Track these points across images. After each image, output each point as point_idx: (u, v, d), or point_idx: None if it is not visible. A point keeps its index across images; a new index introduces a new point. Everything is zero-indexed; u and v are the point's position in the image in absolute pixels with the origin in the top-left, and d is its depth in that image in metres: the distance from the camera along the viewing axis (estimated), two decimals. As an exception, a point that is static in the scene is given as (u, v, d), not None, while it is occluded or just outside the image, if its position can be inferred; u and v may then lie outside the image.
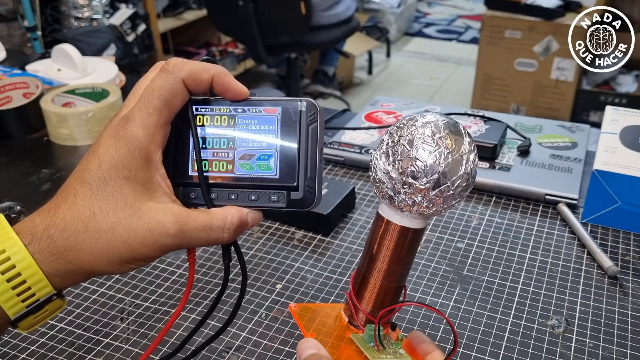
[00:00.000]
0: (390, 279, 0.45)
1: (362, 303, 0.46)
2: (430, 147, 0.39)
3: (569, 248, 0.65)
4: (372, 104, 0.98)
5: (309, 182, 0.38)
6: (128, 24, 2.43)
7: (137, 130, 0.36)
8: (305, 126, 0.38)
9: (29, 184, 0.80)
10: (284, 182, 0.38)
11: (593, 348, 0.52)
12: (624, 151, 0.69)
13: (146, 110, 0.36)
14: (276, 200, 0.38)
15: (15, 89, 0.96)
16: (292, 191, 0.38)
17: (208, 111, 0.40)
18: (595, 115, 2.70)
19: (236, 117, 0.39)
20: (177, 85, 0.37)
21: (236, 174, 0.39)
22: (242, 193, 0.39)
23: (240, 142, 0.39)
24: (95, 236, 0.35)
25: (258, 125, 0.39)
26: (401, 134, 0.41)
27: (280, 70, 3.27)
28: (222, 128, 0.39)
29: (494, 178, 0.75)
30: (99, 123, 0.90)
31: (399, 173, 0.40)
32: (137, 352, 0.51)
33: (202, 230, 0.37)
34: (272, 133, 0.39)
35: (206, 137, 0.39)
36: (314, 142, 0.38)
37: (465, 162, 0.40)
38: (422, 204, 0.40)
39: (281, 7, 2.36)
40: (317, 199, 0.38)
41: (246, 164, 0.39)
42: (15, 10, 2.15)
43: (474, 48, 3.62)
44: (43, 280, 0.35)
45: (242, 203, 0.39)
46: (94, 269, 0.36)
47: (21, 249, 0.34)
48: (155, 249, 0.36)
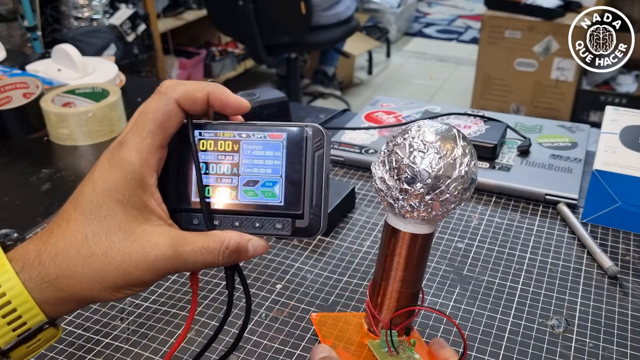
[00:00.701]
0: (405, 285, 0.46)
1: (381, 311, 0.47)
2: (422, 153, 0.40)
3: (569, 248, 0.65)
4: (372, 104, 0.98)
5: (314, 209, 0.38)
6: (128, 24, 2.43)
7: (130, 154, 0.36)
8: (311, 153, 0.38)
9: (29, 184, 0.80)
10: (289, 210, 0.38)
11: (593, 348, 0.52)
12: (624, 151, 0.69)
13: (139, 134, 0.36)
14: (281, 228, 0.38)
15: (15, 89, 0.96)
16: (297, 219, 0.38)
17: (212, 136, 0.39)
18: (595, 115, 2.70)
19: (240, 142, 0.38)
20: (170, 106, 0.36)
21: (240, 201, 0.38)
22: (246, 220, 0.38)
23: (244, 168, 0.38)
24: (88, 261, 0.35)
25: (263, 151, 0.38)
26: (396, 142, 0.42)
27: (280, 70, 3.27)
28: (226, 153, 0.39)
29: (494, 178, 0.75)
30: (99, 123, 0.90)
31: (395, 180, 0.41)
32: (137, 352, 0.51)
33: (198, 252, 0.36)
34: (277, 159, 0.38)
35: (209, 162, 0.39)
36: (319, 169, 0.38)
37: (459, 165, 0.40)
38: (420, 209, 0.41)
39: (281, 7, 2.36)
40: (322, 227, 0.38)
41: (250, 190, 0.38)
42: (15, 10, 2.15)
43: (474, 48, 3.62)
44: (34, 308, 0.34)
45: (246, 230, 0.38)
46: (87, 296, 0.35)
47: (12, 277, 0.34)
48: (150, 272, 0.35)
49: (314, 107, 1.06)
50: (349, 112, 1.00)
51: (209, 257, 0.36)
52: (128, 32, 2.43)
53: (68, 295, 0.35)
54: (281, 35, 2.42)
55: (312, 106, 1.14)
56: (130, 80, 1.14)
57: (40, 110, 0.91)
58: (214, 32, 3.28)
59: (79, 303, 0.36)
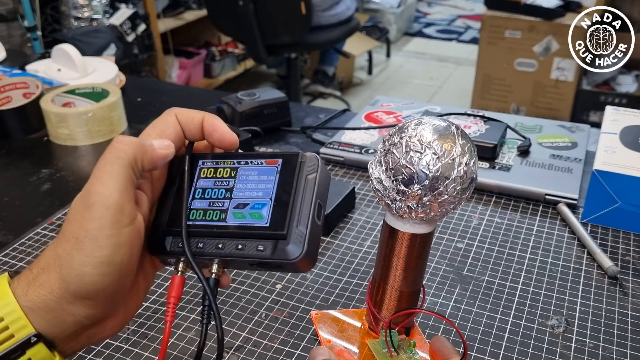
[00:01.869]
0: (405, 284, 0.45)
1: (381, 310, 0.46)
2: (419, 154, 0.39)
3: (569, 248, 0.65)
4: (372, 104, 0.98)
5: (298, 230, 0.36)
6: (128, 24, 2.43)
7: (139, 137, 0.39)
8: (303, 176, 0.37)
9: (29, 184, 0.80)
10: (273, 230, 0.36)
11: (593, 348, 0.52)
12: (624, 151, 0.69)
13: (140, 137, 0.39)
14: (263, 250, 0.36)
15: (15, 89, 0.96)
16: (280, 239, 0.36)
17: (213, 164, 0.40)
18: (595, 115, 2.70)
19: (238, 169, 0.39)
20: (169, 118, 0.40)
21: (227, 222, 0.38)
22: (229, 242, 0.37)
23: (237, 192, 0.38)
24: (55, 247, 0.35)
25: (257, 175, 0.38)
26: (392, 141, 0.40)
27: (280, 70, 3.27)
28: (223, 179, 0.39)
29: (494, 178, 0.75)
30: (99, 123, 0.90)
31: (392, 181, 0.40)
32: (137, 352, 0.51)
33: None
34: (270, 183, 0.38)
35: (206, 187, 0.39)
36: (310, 191, 0.37)
37: (457, 165, 0.39)
38: (419, 210, 0.40)
39: (281, 7, 2.36)
40: (305, 250, 0.35)
41: (239, 212, 0.38)
42: (15, 10, 2.15)
43: (474, 48, 3.62)
44: (22, 319, 0.33)
45: (227, 251, 0.37)
46: (62, 287, 0.34)
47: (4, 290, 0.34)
48: (90, 222, 0.34)
49: (314, 107, 1.07)
50: (349, 112, 1.00)
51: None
52: (128, 32, 2.43)
53: (48, 292, 0.34)
54: (281, 35, 2.42)
55: (312, 106, 1.14)
56: (130, 80, 1.14)
57: (40, 110, 0.91)
58: (214, 32, 3.28)
59: (61, 306, 0.34)
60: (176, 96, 1.13)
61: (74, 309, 0.34)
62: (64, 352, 0.36)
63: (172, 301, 0.38)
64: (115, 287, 0.35)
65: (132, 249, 0.35)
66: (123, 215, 0.34)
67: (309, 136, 0.89)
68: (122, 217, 0.34)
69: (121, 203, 0.34)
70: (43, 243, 0.66)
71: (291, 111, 0.95)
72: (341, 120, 0.97)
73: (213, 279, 0.38)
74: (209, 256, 0.38)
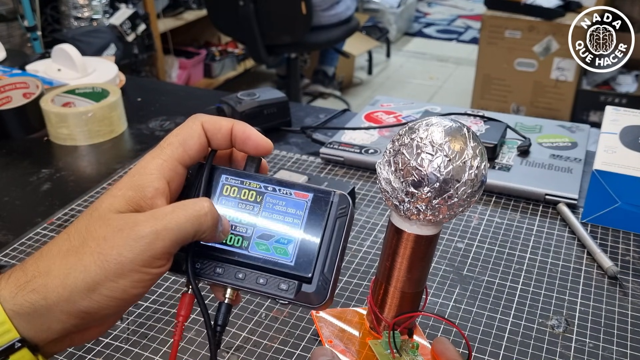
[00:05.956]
0: (408, 286, 0.44)
1: (383, 310, 0.46)
2: (430, 155, 0.38)
3: (569, 248, 0.65)
4: (372, 104, 0.98)
5: (324, 277, 0.35)
6: (128, 24, 2.43)
7: (146, 160, 0.37)
8: (333, 218, 0.36)
9: (29, 184, 0.80)
10: (297, 272, 0.36)
11: (593, 348, 0.52)
12: (624, 151, 0.69)
13: (162, 144, 0.37)
14: (285, 290, 0.36)
15: (15, 89, 0.96)
16: (305, 283, 0.36)
17: (237, 183, 0.38)
18: (595, 115, 2.70)
19: (265, 194, 0.38)
20: (194, 127, 0.38)
21: (250, 252, 0.37)
22: (250, 274, 0.36)
23: (262, 221, 0.37)
24: (66, 255, 0.33)
25: (285, 207, 0.37)
26: (402, 142, 0.39)
27: (280, 70, 3.27)
28: (247, 202, 0.38)
29: (494, 178, 0.75)
30: (99, 123, 0.90)
31: (401, 182, 0.39)
32: (137, 352, 0.51)
33: (175, 209, 0.34)
34: (298, 218, 0.37)
35: (229, 208, 0.38)
36: (339, 236, 0.36)
37: (468, 168, 0.38)
38: (427, 213, 0.39)
39: (282, 7, 2.36)
40: (329, 297, 0.35)
41: (263, 244, 0.37)
42: (15, 10, 2.15)
43: (474, 48, 3.62)
44: (6, 322, 0.32)
45: (248, 285, 0.36)
46: (61, 296, 0.32)
47: None
48: (127, 249, 0.32)
49: (314, 107, 1.07)
50: (349, 112, 1.00)
51: (191, 214, 0.34)
52: (128, 32, 2.43)
53: (41, 298, 0.32)
54: (281, 35, 2.42)
55: (312, 106, 1.14)
56: (130, 80, 1.14)
57: (40, 110, 0.91)
58: (214, 32, 3.28)
59: (52, 313, 0.32)
60: (176, 96, 1.13)
61: (65, 319, 0.33)
62: (46, 354, 0.35)
63: (181, 320, 0.37)
64: (120, 309, 0.34)
65: (151, 284, 0.34)
66: (159, 261, 0.34)
67: (309, 136, 0.89)
68: (158, 262, 0.34)
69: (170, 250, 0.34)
70: (43, 243, 0.66)
71: (291, 111, 0.95)
72: (341, 120, 0.97)
73: (225, 304, 0.37)
74: (228, 285, 0.37)
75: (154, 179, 0.36)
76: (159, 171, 0.36)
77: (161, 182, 0.36)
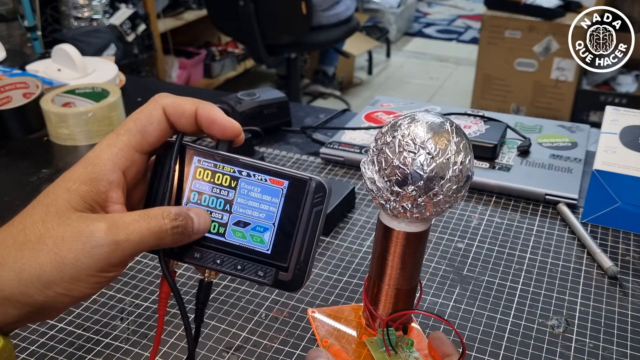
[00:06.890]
0: (401, 282, 0.45)
1: (377, 307, 0.46)
2: (412, 154, 0.37)
3: (569, 248, 0.65)
4: (372, 104, 0.98)
5: (300, 265, 0.36)
6: (128, 24, 2.43)
7: (100, 147, 0.36)
8: (309, 207, 0.36)
9: (29, 184, 0.80)
10: (274, 260, 0.37)
11: (593, 348, 0.52)
12: (624, 151, 0.69)
13: (118, 131, 0.36)
14: (262, 276, 0.37)
15: (15, 89, 0.96)
16: (282, 271, 0.37)
17: (211, 166, 0.37)
18: (595, 115, 2.70)
19: (239, 179, 0.37)
20: (155, 112, 0.36)
21: (226, 239, 0.37)
22: (228, 259, 0.37)
23: (237, 207, 0.37)
24: (21, 247, 0.32)
25: (260, 194, 0.37)
26: (385, 140, 0.39)
27: (280, 70, 3.27)
28: (221, 187, 0.37)
29: (494, 178, 0.75)
30: (99, 123, 0.90)
31: (386, 182, 0.39)
32: (137, 352, 0.51)
33: (138, 220, 0.33)
34: (274, 206, 0.37)
35: (202, 192, 0.37)
36: (314, 225, 0.36)
37: (452, 164, 0.38)
38: (414, 211, 0.39)
39: (282, 7, 2.36)
40: (303, 284, 0.37)
41: (239, 231, 0.37)
42: (15, 10, 2.15)
43: (474, 48, 3.62)
44: None
45: (226, 269, 0.37)
46: (14, 290, 0.32)
47: None
48: (85, 255, 0.32)
49: (314, 107, 1.07)
50: (349, 112, 1.00)
51: (152, 222, 0.34)
52: (128, 32, 2.43)
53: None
54: (281, 35, 2.42)
55: (312, 106, 1.14)
56: (130, 80, 1.14)
57: (40, 110, 0.91)
58: (214, 32, 3.28)
59: (9, 302, 0.32)
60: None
61: (21, 307, 0.33)
62: (5, 332, 0.34)
63: (163, 296, 0.38)
64: (76, 302, 0.34)
65: (107, 284, 0.34)
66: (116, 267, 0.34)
67: (309, 136, 0.89)
68: (115, 268, 0.34)
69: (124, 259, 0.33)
70: (43, 243, 0.66)
71: (291, 111, 0.95)
72: (341, 120, 0.97)
73: (206, 282, 0.39)
74: (207, 269, 0.38)
75: (107, 170, 0.35)
76: (113, 161, 0.35)
77: (115, 174, 0.35)
